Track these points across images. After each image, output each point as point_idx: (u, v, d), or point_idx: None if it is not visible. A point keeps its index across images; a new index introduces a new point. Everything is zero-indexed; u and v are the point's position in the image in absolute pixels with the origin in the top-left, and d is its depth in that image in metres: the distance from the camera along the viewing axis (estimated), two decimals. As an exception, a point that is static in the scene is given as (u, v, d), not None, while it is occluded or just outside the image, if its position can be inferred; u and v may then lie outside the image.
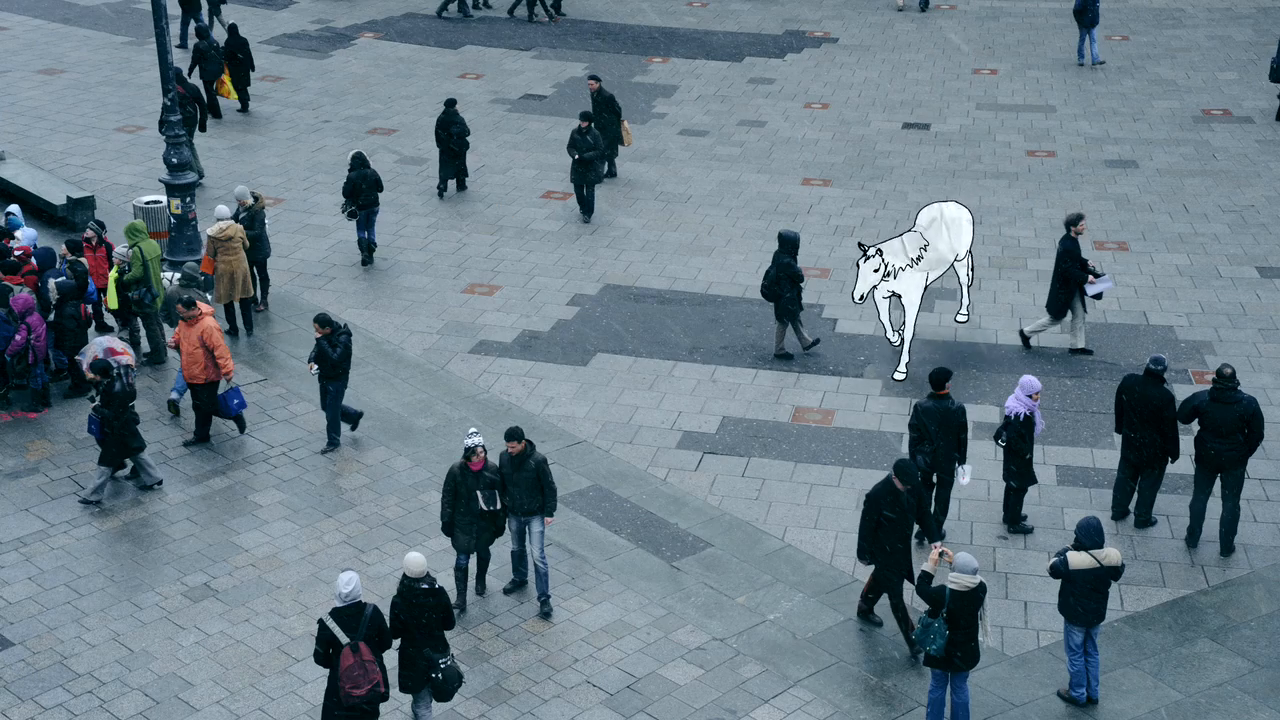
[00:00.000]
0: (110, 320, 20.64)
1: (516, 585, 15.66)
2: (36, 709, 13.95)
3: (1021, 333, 20.61)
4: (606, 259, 23.38)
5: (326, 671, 13.59)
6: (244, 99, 29.63)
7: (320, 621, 12.62)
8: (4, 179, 25.24)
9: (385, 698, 12.71)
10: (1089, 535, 13.71)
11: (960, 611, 13.19)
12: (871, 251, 18.95)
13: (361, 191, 22.78)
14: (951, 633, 13.21)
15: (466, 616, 15.21)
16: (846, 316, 21.37)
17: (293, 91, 31.00)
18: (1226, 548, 16.20)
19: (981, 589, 13.30)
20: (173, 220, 22.07)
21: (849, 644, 14.90)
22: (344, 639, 12.52)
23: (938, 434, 15.87)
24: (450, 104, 25.37)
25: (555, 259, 23.35)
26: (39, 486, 17.40)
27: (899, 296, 19.58)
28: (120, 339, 20.36)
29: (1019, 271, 22.83)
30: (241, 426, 18.51)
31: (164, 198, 22.44)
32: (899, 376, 19.51)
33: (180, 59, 29.95)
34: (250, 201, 21.33)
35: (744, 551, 16.35)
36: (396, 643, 13.24)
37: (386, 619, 12.94)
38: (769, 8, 37.00)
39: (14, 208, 21.75)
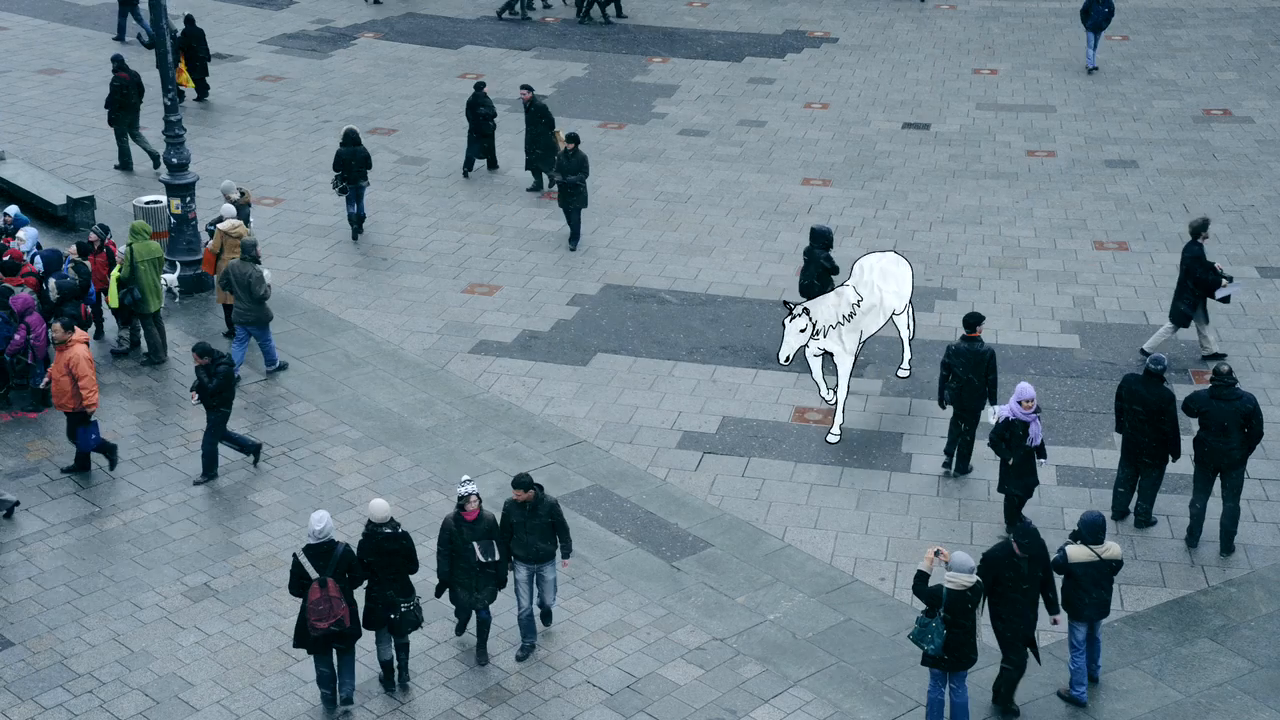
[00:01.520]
0: (111, 320, 20.65)
1: (528, 651, 14.70)
2: (36, 709, 13.96)
3: (1143, 351, 20.08)
4: (606, 259, 23.39)
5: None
6: (201, 88, 30.01)
7: (294, 556, 13.54)
8: (4, 179, 25.25)
9: (352, 630, 13.59)
10: (1090, 531, 13.79)
11: (957, 610, 13.20)
12: (798, 311, 17.63)
13: (351, 168, 23.36)
14: (948, 632, 13.22)
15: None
16: (846, 316, 21.36)
17: (293, 91, 31.00)
18: (1226, 548, 16.21)
19: (978, 588, 13.31)
20: (173, 220, 22.07)
21: (849, 644, 14.91)
22: (313, 574, 13.40)
23: (964, 372, 17.12)
24: (479, 86, 26.05)
25: (555, 259, 23.35)
26: (39, 486, 17.39)
27: (830, 355, 18.31)
28: (121, 337, 20.43)
29: (1019, 271, 22.83)
30: (112, 464, 17.64)
31: (164, 198, 22.44)
32: (832, 439, 18.33)
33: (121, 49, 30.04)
34: (237, 196, 21.38)
35: (744, 551, 16.35)
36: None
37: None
38: (769, 8, 36.99)
39: (13, 208, 21.72)
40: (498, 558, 14.08)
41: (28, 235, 20.64)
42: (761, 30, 35.38)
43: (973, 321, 17.32)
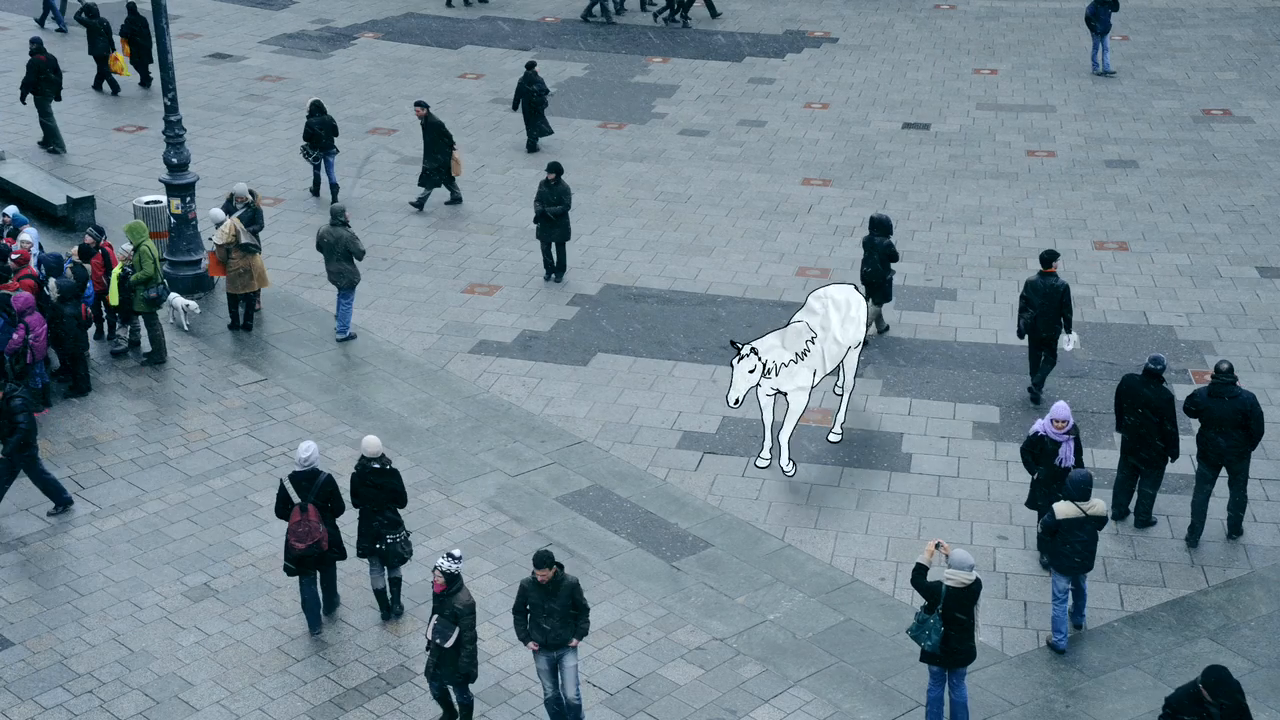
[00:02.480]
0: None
1: None
2: (36, 709, 13.96)
3: None
4: (606, 259, 23.39)
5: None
6: (145, 76, 30.96)
7: (280, 481, 14.68)
8: (4, 179, 25.23)
9: (330, 554, 14.70)
10: (1077, 488, 14.36)
11: (956, 607, 13.22)
12: (746, 351, 16.71)
13: (320, 137, 24.80)
14: (946, 628, 13.24)
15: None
16: (846, 316, 21.36)
17: (293, 91, 30.99)
18: (1235, 530, 16.33)
19: (977, 585, 13.33)
20: (173, 220, 22.06)
21: (849, 644, 14.90)
22: (295, 499, 14.50)
23: (1040, 304, 18.55)
24: (530, 66, 27.36)
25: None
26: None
27: (784, 394, 17.37)
28: (120, 337, 20.43)
29: (1019, 271, 22.80)
30: None
31: (164, 198, 22.43)
32: (788, 470, 17.57)
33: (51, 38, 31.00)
34: (249, 198, 21.45)
35: (744, 551, 16.35)
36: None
37: (344, 490, 15.00)
38: (769, 8, 36.99)
39: (11, 208, 21.64)
40: (449, 644, 13.04)
41: (31, 236, 20.61)
42: (761, 30, 35.38)
43: (1048, 258, 18.77)
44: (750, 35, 35.02)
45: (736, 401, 16.75)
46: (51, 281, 19.06)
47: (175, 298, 20.68)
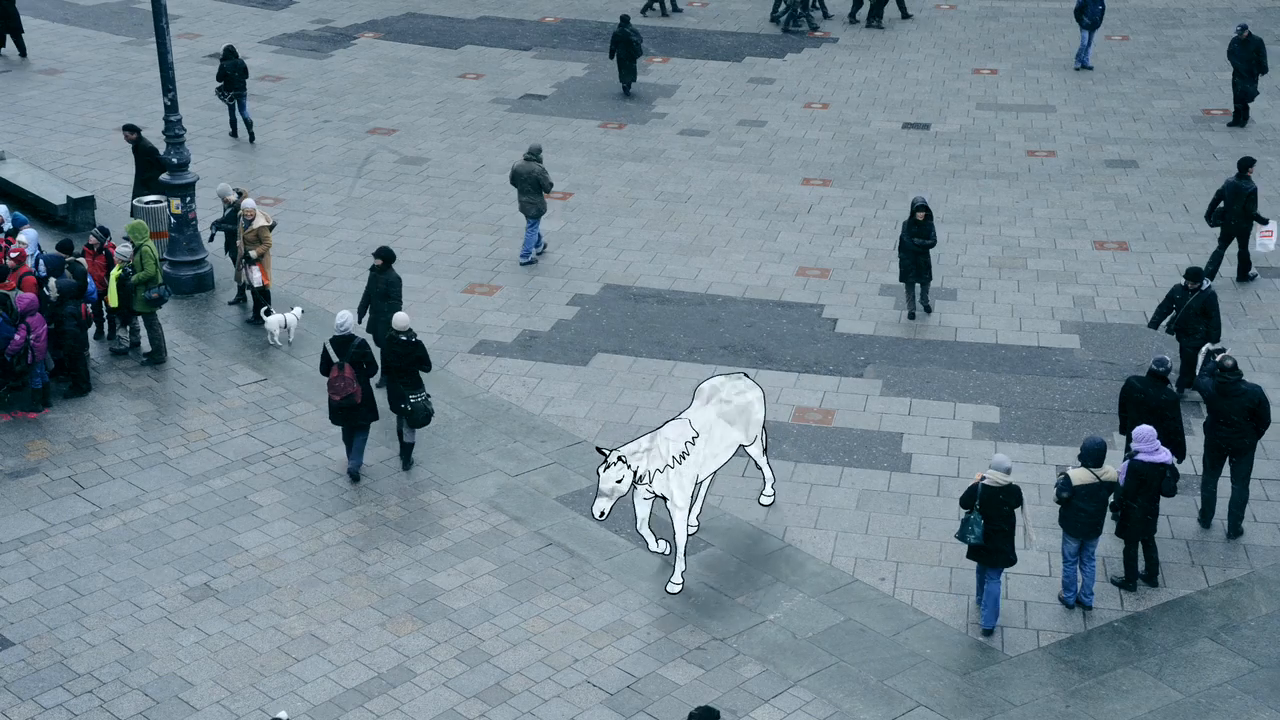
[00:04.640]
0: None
1: None
2: (36, 709, 13.96)
3: None
4: (606, 259, 23.38)
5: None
6: (20, 45, 32.78)
7: (323, 345, 17.28)
8: (4, 179, 25.23)
9: (364, 408, 17.12)
10: (1091, 455, 14.84)
11: (994, 508, 14.47)
12: (613, 459, 14.93)
13: (234, 79, 27.29)
14: (988, 524, 14.50)
15: (464, 614, 15.20)
16: (846, 316, 21.38)
17: (293, 91, 31.00)
18: (1234, 530, 16.37)
19: (1013, 489, 14.52)
20: (173, 220, 22.07)
21: (849, 644, 14.91)
22: (334, 358, 17.00)
23: (1230, 204, 21.28)
24: (625, 20, 30.29)
25: (555, 259, 23.35)
26: (39, 486, 17.40)
27: (663, 499, 15.58)
28: (120, 337, 20.43)
29: (1019, 271, 22.83)
30: None
31: (164, 198, 22.42)
32: (673, 589, 15.58)
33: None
34: (234, 198, 21.47)
35: (744, 551, 16.35)
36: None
37: (376, 355, 17.56)
38: (769, 8, 36.97)
39: (1, 207, 21.54)
40: None
41: (28, 237, 20.61)
42: (761, 30, 35.38)
43: (1246, 163, 21.58)
44: (750, 35, 35.02)
45: (602, 514, 14.98)
46: (51, 281, 19.06)
47: (275, 316, 20.38)
